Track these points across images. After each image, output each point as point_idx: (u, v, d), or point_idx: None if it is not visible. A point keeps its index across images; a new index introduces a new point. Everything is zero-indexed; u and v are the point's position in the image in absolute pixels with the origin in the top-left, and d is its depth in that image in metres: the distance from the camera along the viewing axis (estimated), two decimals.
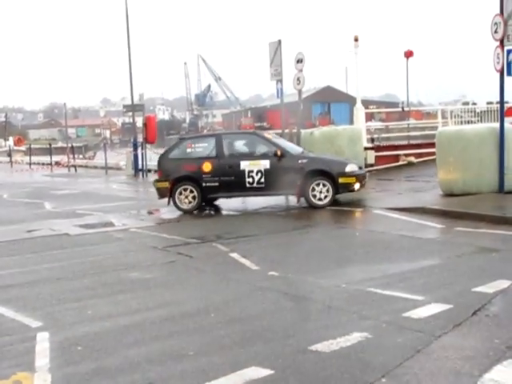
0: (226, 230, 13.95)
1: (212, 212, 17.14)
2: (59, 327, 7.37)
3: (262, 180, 16.43)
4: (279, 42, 22.56)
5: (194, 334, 6.83)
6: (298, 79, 22.66)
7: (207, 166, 16.82)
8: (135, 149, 34.02)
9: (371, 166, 23.36)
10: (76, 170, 41.00)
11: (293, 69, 22.89)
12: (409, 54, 31.36)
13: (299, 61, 22.61)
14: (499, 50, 15.14)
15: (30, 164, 47.15)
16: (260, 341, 6.47)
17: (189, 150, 17.47)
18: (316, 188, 16.04)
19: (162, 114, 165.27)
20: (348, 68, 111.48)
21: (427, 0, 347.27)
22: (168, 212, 17.24)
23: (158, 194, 17.65)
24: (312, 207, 15.98)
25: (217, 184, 16.82)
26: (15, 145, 67.54)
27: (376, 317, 6.97)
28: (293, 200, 16.80)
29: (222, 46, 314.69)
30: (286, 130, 23.00)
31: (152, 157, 32.95)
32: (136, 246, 12.62)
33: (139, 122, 41.03)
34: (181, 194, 16.97)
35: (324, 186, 16.03)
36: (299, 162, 16.41)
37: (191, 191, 16.92)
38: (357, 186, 16.28)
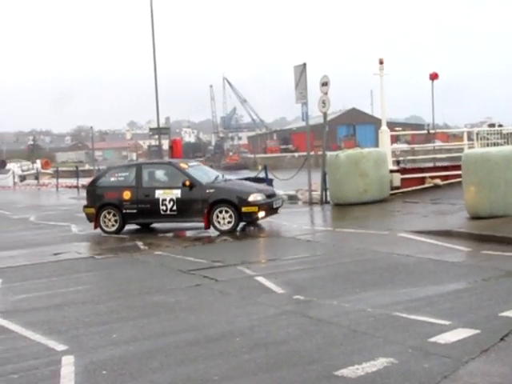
0: (249, 253, 13.95)
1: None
2: (84, 351, 7.38)
3: (174, 208, 17.63)
4: (304, 65, 22.65)
5: (218, 358, 6.81)
6: (324, 102, 22.73)
7: (127, 194, 18.16)
8: None
9: (397, 188, 23.26)
10: None
11: (318, 91, 22.97)
12: (434, 77, 31.26)
13: (324, 84, 22.70)
14: None
15: (57, 186, 47.43)
16: (285, 366, 6.44)
17: (112, 179, 18.87)
18: (219, 215, 17.15)
19: (188, 137, 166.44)
20: (373, 90, 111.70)
21: (453, 23, 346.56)
22: (192, 235, 17.29)
23: (87, 218, 18.95)
24: (337, 232, 15.97)
25: (135, 211, 18.11)
26: (43, 167, 68.16)
27: (402, 342, 6.92)
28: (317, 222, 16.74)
29: (247, 69, 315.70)
30: (312, 153, 23.00)
31: None
32: (161, 269, 12.64)
33: (165, 144, 41.23)
34: (105, 217, 18.31)
35: (227, 212, 17.11)
36: (207, 191, 17.52)
37: (114, 215, 18.27)
38: (261, 214, 17.37)
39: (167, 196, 17.62)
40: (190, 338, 7.60)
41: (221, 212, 17.08)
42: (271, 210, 17.79)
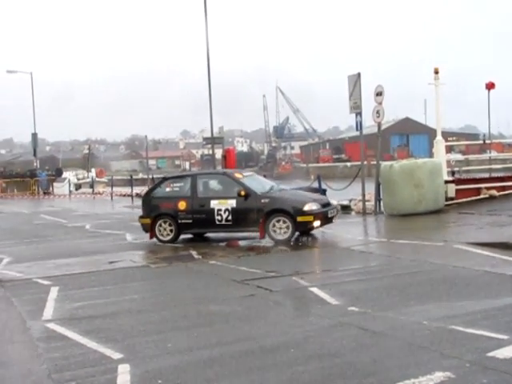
0: (302, 264, 13.91)
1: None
2: (140, 359, 7.45)
3: (230, 218, 17.69)
4: (358, 74, 22.57)
5: (273, 369, 6.81)
6: (378, 112, 22.61)
7: (182, 205, 18.30)
8: None
9: (451, 199, 22.98)
10: None
11: (371, 101, 22.84)
12: (490, 86, 30.87)
13: (379, 94, 22.58)
14: None
15: (112, 195, 47.93)
16: (340, 378, 6.40)
17: (168, 189, 19.10)
18: (276, 224, 17.15)
19: (241, 146, 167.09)
20: (427, 100, 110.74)
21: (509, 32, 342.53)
22: (245, 245, 17.31)
23: (143, 229, 19.10)
24: (391, 243, 15.89)
25: (190, 221, 18.21)
26: (97, 176, 68.95)
27: (459, 356, 6.83)
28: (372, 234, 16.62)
29: (299, 79, 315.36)
30: (365, 162, 22.89)
31: None
32: (215, 278, 12.68)
33: (218, 153, 41.42)
34: (161, 225, 18.48)
35: (284, 222, 17.12)
36: (262, 201, 17.52)
37: (170, 225, 18.41)
38: (316, 223, 17.32)
39: (222, 206, 17.69)
40: (245, 349, 7.61)
41: (278, 221, 17.09)
42: (326, 220, 17.71)
